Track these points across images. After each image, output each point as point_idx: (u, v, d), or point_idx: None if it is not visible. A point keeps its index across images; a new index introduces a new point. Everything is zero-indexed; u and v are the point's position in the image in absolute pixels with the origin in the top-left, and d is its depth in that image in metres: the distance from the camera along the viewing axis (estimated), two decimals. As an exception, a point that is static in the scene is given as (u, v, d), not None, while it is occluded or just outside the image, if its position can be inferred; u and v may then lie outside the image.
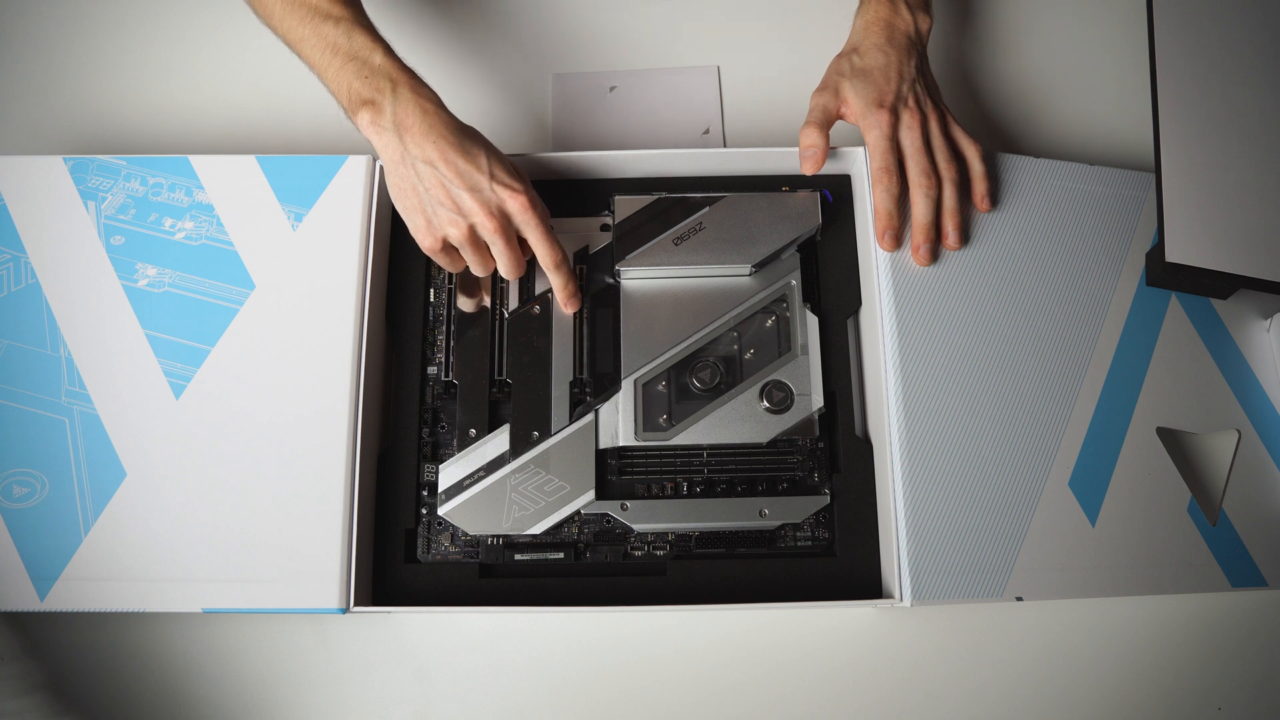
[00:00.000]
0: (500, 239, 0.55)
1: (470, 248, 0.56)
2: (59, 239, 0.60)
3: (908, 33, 0.61)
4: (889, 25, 0.61)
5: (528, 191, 0.56)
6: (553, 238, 0.57)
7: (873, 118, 0.58)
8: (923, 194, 0.58)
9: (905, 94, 0.59)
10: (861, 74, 0.59)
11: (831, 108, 0.60)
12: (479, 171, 0.54)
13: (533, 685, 0.58)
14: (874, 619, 0.60)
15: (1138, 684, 0.59)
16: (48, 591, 0.54)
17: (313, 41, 0.56)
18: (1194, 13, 0.62)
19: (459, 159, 0.54)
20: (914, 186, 0.59)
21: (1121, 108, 0.73)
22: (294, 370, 0.58)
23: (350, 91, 0.55)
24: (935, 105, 0.61)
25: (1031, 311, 0.60)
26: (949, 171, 0.59)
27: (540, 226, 0.56)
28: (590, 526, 0.58)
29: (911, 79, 0.60)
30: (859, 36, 0.62)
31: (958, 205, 0.59)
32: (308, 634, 0.59)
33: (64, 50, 0.75)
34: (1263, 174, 0.59)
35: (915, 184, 0.59)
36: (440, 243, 0.56)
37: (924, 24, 0.63)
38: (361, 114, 0.55)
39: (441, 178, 0.54)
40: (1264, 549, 0.58)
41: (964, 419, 0.57)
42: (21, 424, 0.57)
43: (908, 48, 0.61)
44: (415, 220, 0.56)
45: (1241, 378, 0.61)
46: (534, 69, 0.74)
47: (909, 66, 0.60)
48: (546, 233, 0.56)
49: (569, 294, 0.59)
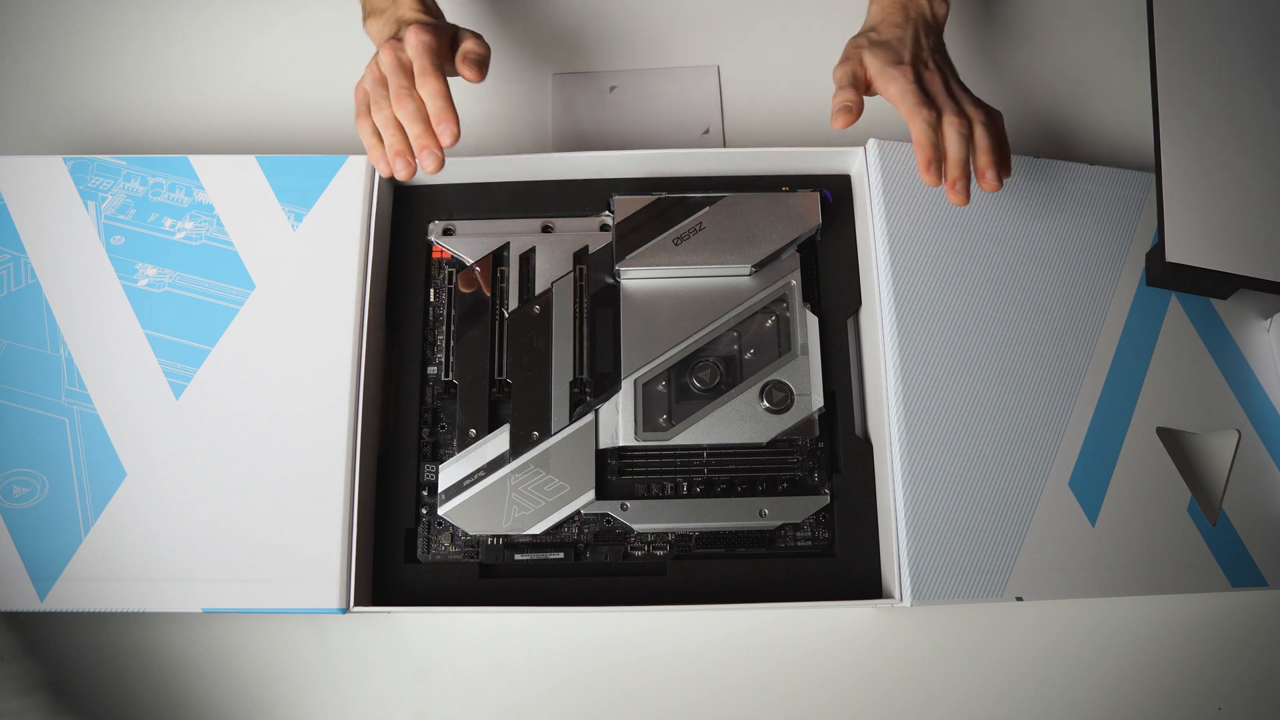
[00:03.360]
0: (396, 71, 0.55)
1: (378, 87, 0.57)
2: (59, 239, 0.60)
3: (924, 14, 0.61)
4: (904, 7, 0.61)
5: (432, 31, 0.57)
6: (432, 66, 0.55)
7: (893, 71, 0.56)
8: (954, 131, 0.55)
9: (925, 58, 0.58)
10: (879, 44, 0.59)
11: (858, 73, 0.58)
12: (400, 26, 0.58)
13: (533, 685, 0.58)
14: (874, 619, 0.60)
15: (1138, 684, 0.59)
16: (48, 591, 0.54)
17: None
18: (1194, 13, 0.62)
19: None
20: (946, 126, 0.55)
21: (1121, 108, 0.73)
22: (294, 370, 0.58)
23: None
24: (954, 73, 0.60)
25: (1031, 311, 0.60)
26: (978, 115, 0.56)
27: (423, 55, 0.55)
28: (590, 526, 0.58)
29: (930, 49, 0.59)
30: (875, 18, 0.61)
31: (991, 144, 0.56)
32: (308, 634, 0.59)
33: (64, 50, 0.75)
34: (1263, 174, 0.59)
35: (947, 124, 0.55)
36: (360, 96, 0.58)
37: (940, 9, 0.62)
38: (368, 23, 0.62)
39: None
40: (1264, 549, 0.58)
41: (964, 419, 0.57)
42: (21, 424, 0.57)
43: (924, 26, 0.60)
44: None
45: (1241, 378, 0.61)
46: (534, 69, 0.74)
47: (926, 40, 0.59)
48: (424, 54, 0.56)
49: (437, 119, 0.55)
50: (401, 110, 0.55)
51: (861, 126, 0.61)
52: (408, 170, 0.56)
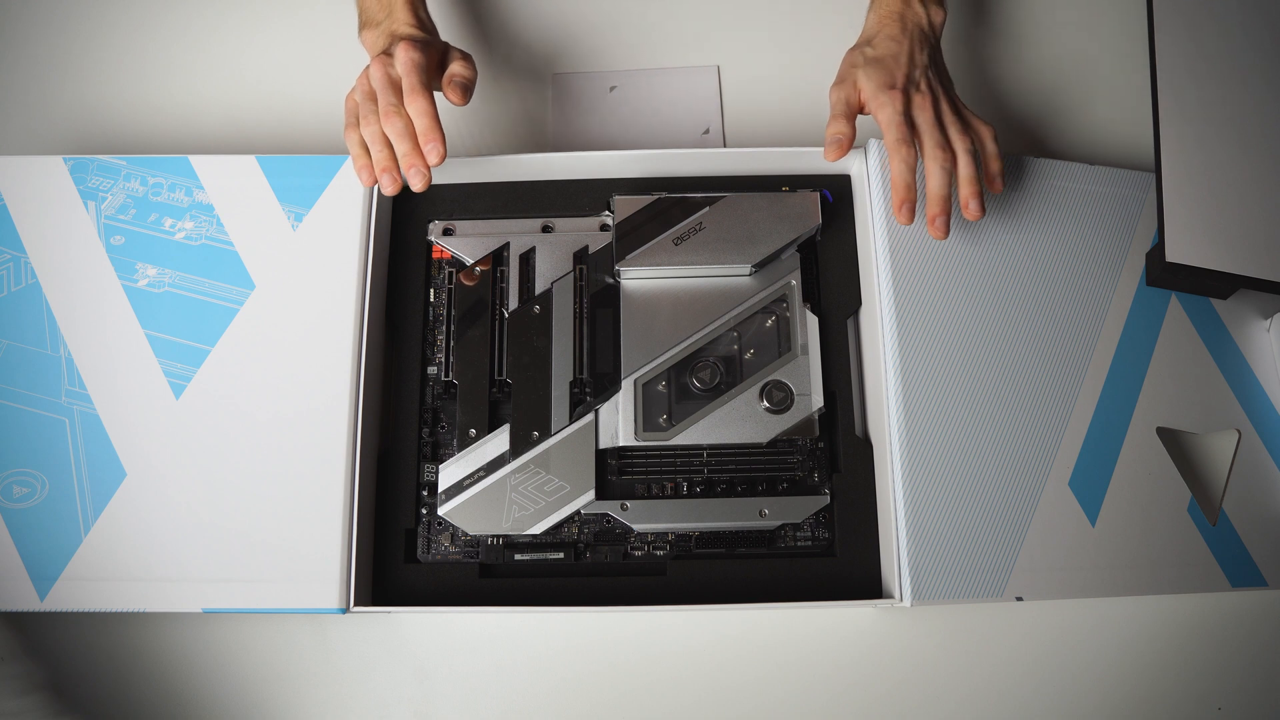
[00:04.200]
0: (385, 87, 0.56)
1: (367, 101, 0.57)
2: (59, 239, 0.60)
3: (920, 24, 0.61)
4: (901, 17, 0.61)
5: (421, 48, 0.57)
6: (420, 84, 0.56)
7: (884, 97, 0.57)
8: (938, 166, 0.56)
9: (917, 78, 0.59)
10: (874, 62, 0.59)
11: (852, 99, 0.59)
12: (390, 41, 0.59)
13: (533, 685, 0.58)
14: (874, 619, 0.60)
15: (1138, 684, 0.59)
16: (48, 591, 0.54)
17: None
18: (1194, 13, 0.62)
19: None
20: (929, 159, 0.57)
21: (1121, 108, 0.73)
22: (294, 370, 0.58)
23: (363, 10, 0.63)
24: (946, 91, 0.61)
25: (1031, 311, 0.60)
26: (963, 143, 0.58)
27: (412, 73, 0.56)
28: (590, 526, 0.58)
29: (923, 65, 0.59)
30: (872, 29, 0.62)
31: (975, 174, 0.57)
32: (308, 634, 0.59)
33: (64, 50, 0.75)
34: (1263, 174, 0.59)
35: (930, 157, 0.57)
36: (350, 108, 0.58)
37: (937, 16, 0.62)
38: (363, 34, 0.63)
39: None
40: (1264, 549, 0.58)
41: (964, 419, 0.57)
42: (21, 424, 0.57)
43: (920, 38, 0.60)
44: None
45: (1241, 378, 0.61)
46: (534, 69, 0.74)
47: (921, 55, 0.60)
48: (412, 71, 0.56)
49: (424, 138, 0.56)
50: (389, 127, 0.56)
51: (861, 126, 0.61)
52: (393, 186, 0.56)
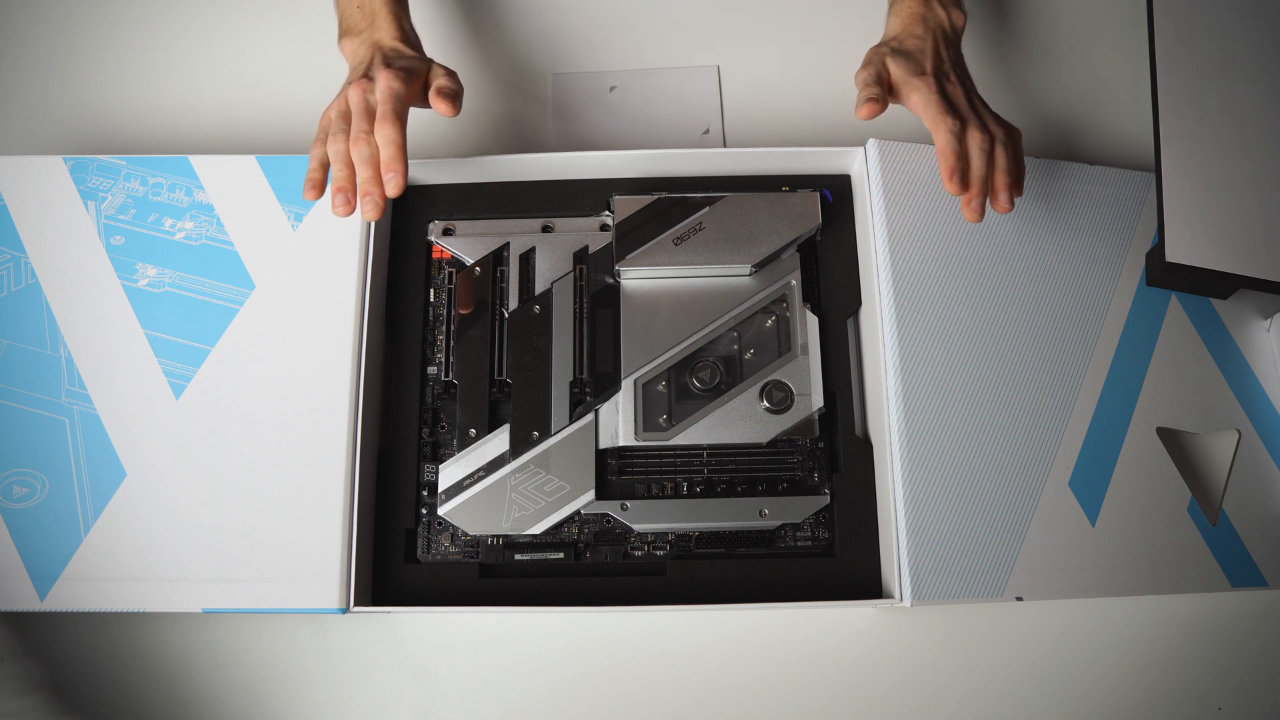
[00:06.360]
0: (361, 114, 0.56)
1: (340, 120, 0.57)
2: (59, 239, 0.60)
3: (942, 25, 0.61)
4: (923, 19, 0.61)
5: (404, 80, 0.57)
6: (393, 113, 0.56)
7: (917, 81, 0.57)
8: (978, 146, 0.55)
9: (946, 70, 0.58)
10: (902, 53, 0.59)
11: (883, 75, 0.58)
12: (370, 62, 0.58)
13: (533, 685, 0.58)
14: (874, 619, 0.60)
15: (1138, 684, 0.59)
16: (48, 591, 0.54)
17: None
18: (1194, 13, 0.62)
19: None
20: (970, 138, 0.56)
21: (1121, 108, 0.73)
22: (294, 370, 0.58)
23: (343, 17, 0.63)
24: (974, 88, 0.60)
25: (1032, 311, 0.60)
26: (999, 132, 0.57)
27: (388, 100, 0.56)
28: (590, 526, 0.58)
29: (951, 61, 0.59)
30: (896, 30, 0.61)
31: (1009, 164, 0.56)
32: (307, 634, 0.59)
33: (64, 50, 0.75)
34: (1263, 174, 0.59)
35: (971, 137, 0.56)
36: (323, 124, 0.58)
37: (958, 19, 0.62)
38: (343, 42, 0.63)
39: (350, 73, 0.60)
40: (1264, 549, 0.58)
41: (964, 419, 0.57)
42: (21, 424, 0.57)
43: (944, 38, 0.60)
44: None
45: (1241, 378, 0.61)
46: (534, 69, 0.74)
47: (947, 53, 0.60)
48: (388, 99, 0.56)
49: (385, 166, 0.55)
50: (356, 152, 0.56)
51: (861, 126, 0.61)
52: (346, 209, 0.56)
